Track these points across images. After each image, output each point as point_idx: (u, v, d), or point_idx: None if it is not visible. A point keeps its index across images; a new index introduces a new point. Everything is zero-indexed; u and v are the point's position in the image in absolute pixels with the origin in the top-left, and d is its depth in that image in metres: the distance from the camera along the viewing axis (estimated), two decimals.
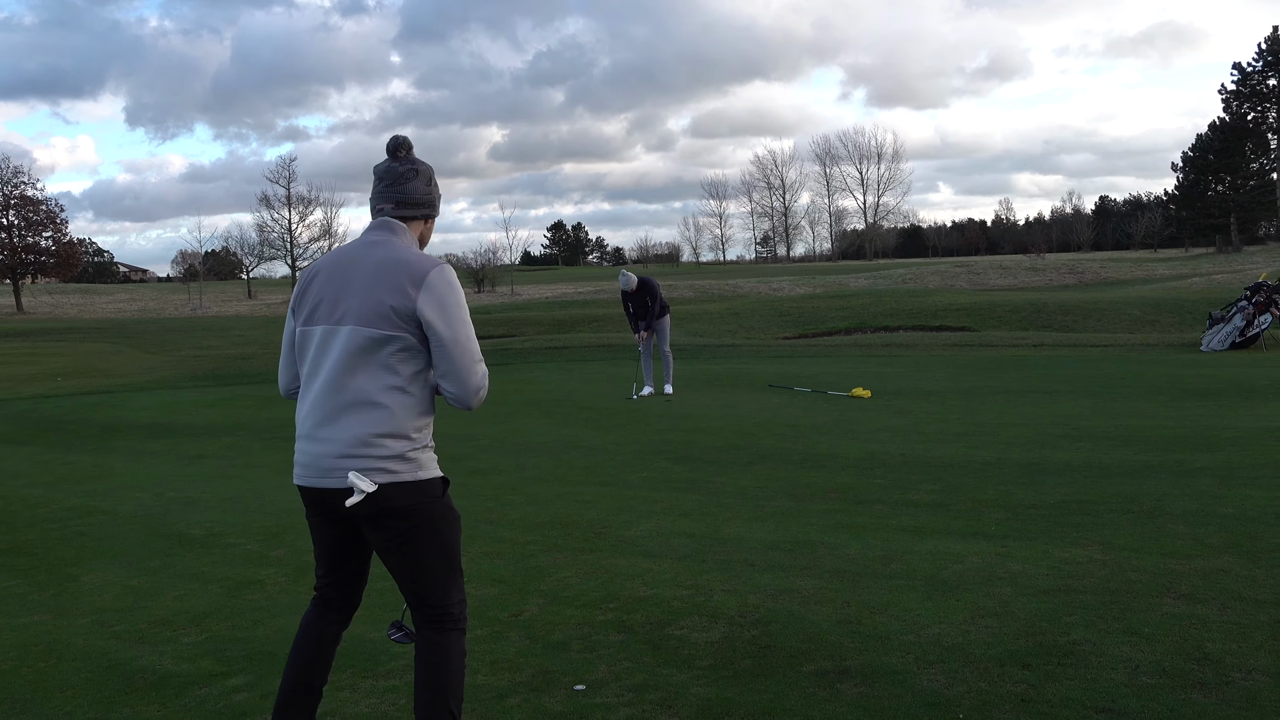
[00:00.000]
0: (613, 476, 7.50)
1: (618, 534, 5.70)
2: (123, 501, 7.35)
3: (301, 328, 2.91)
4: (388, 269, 2.78)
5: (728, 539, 5.49)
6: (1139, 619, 3.95)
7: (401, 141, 3.01)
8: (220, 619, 4.56)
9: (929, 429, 9.14)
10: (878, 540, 5.30)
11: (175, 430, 11.29)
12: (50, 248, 67.67)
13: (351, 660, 3.94)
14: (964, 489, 6.49)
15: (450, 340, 2.79)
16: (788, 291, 50.03)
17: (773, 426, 9.66)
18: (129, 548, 5.97)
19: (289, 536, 6.01)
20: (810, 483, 6.93)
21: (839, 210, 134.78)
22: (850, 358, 18.29)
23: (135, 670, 3.98)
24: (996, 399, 11.19)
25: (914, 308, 31.49)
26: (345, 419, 2.78)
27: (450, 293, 2.81)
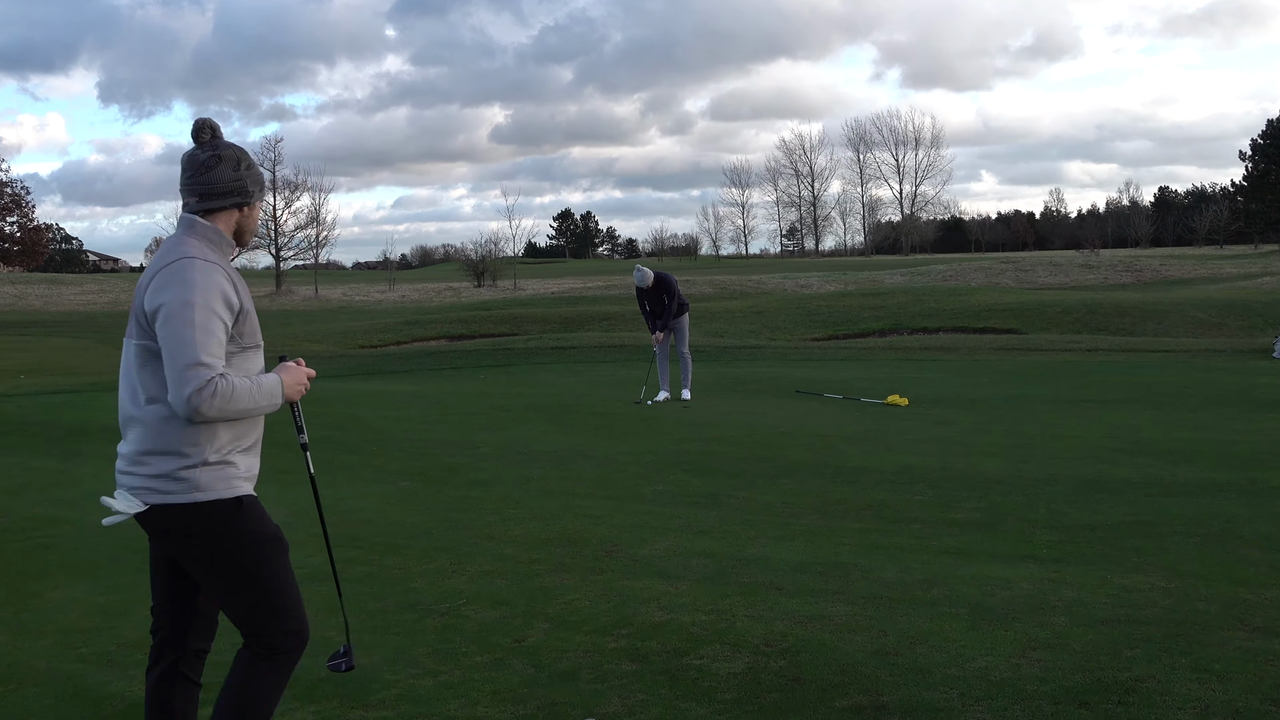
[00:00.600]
0: (625, 490, 7.48)
1: (631, 553, 5.68)
2: (91, 511, 7.35)
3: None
4: (148, 272, 2.82)
5: (752, 560, 5.46)
6: (1208, 654, 3.90)
7: (203, 124, 2.95)
8: None
9: (972, 441, 9.09)
10: (917, 563, 5.26)
11: None
12: (14, 234, 68.10)
13: (339, 688, 3.93)
14: (1012, 507, 6.44)
15: (162, 339, 2.70)
16: (817, 288, 49.99)
17: (801, 437, 9.63)
18: (97, 562, 5.98)
19: None
20: (842, 499, 6.90)
21: (873, 200, 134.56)
22: (885, 362, 18.24)
23: (103, 696, 3.98)
24: (1047, 409, 11.14)
25: (956, 307, 31.39)
26: (126, 434, 2.85)
27: (173, 286, 2.70)
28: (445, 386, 15.77)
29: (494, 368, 19.26)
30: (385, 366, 20.83)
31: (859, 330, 29.93)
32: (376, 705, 3.79)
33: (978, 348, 20.91)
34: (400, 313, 45.51)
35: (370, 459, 9.19)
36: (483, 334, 32.72)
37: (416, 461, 8.98)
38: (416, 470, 8.54)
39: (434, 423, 11.51)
